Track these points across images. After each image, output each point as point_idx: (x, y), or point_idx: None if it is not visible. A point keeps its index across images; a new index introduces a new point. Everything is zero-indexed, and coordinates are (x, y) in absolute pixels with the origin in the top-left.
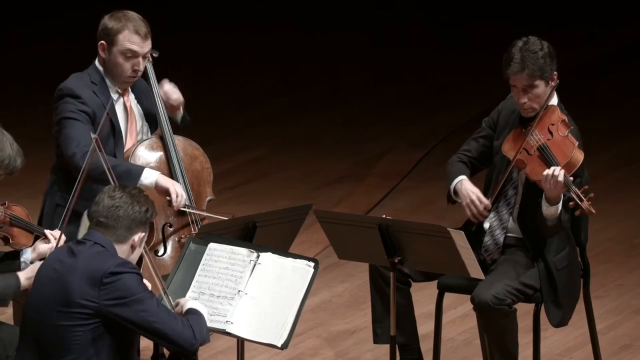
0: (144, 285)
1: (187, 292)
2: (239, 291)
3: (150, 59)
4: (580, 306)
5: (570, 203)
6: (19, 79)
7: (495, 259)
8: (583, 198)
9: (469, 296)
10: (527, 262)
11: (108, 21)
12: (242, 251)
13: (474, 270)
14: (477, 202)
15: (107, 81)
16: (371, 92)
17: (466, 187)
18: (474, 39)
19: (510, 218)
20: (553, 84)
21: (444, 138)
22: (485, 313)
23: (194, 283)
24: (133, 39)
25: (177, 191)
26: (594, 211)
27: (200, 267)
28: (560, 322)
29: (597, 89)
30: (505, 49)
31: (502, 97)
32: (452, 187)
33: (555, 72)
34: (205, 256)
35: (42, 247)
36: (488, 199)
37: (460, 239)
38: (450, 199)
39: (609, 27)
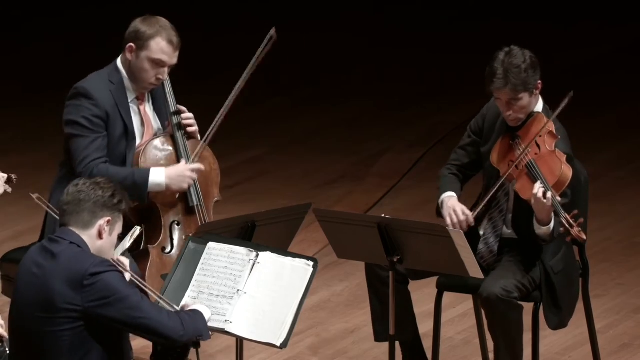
0: (126, 282)
1: (186, 291)
2: (238, 290)
3: None
4: (579, 305)
5: (561, 229)
6: (18, 79)
7: (490, 265)
8: (573, 224)
9: (468, 295)
10: (529, 260)
11: (141, 25)
12: (241, 250)
13: (473, 269)
14: (460, 212)
15: (126, 83)
16: (371, 92)
17: (452, 202)
18: (474, 39)
19: (504, 225)
20: (537, 92)
21: (444, 137)
22: (494, 306)
23: (192, 282)
24: (165, 48)
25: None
26: (584, 237)
27: (200, 266)
28: (558, 324)
29: (597, 88)
30: (488, 63)
31: None
32: (439, 201)
33: (539, 81)
34: (204, 255)
35: None
36: (473, 211)
37: (459, 239)
38: (439, 213)
39: (610, 25)
